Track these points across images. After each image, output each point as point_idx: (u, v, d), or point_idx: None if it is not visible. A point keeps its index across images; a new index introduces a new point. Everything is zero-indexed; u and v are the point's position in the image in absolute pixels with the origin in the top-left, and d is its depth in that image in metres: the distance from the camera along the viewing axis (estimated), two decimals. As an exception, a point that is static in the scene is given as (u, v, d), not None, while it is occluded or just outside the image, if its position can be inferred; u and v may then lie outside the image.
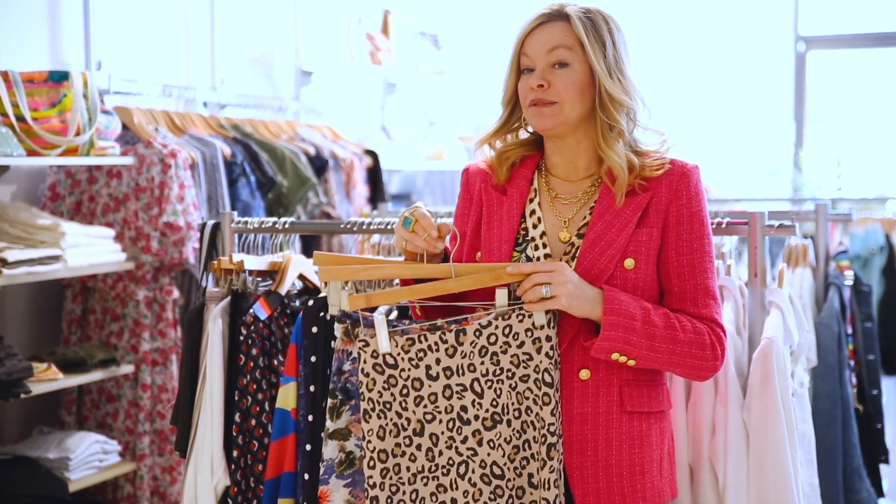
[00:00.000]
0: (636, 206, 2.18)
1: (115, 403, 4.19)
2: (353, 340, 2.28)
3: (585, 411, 2.15)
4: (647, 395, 2.19)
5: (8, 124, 3.63)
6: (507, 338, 2.13)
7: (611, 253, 2.15)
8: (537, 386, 2.11)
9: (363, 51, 6.22)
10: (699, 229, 2.19)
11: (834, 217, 4.01)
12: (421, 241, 2.18)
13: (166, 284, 4.20)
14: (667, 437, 2.25)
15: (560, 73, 2.17)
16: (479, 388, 2.14)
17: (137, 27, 4.70)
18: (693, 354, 2.14)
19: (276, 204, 4.74)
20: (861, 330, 3.91)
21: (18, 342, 4.00)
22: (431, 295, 2.17)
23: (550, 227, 2.24)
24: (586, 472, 2.15)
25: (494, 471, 2.14)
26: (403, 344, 2.16)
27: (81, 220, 4.12)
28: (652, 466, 2.19)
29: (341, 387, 2.38)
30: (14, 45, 4.00)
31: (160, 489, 4.21)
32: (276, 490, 2.66)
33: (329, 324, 2.60)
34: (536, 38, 2.20)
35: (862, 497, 3.47)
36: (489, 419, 2.14)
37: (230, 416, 2.78)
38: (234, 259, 2.85)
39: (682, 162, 2.22)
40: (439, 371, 2.16)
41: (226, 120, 4.89)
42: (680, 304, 2.18)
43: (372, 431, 2.17)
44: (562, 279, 2.08)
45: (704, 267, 2.19)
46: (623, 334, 2.08)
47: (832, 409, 3.38)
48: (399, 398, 2.17)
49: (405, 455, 2.17)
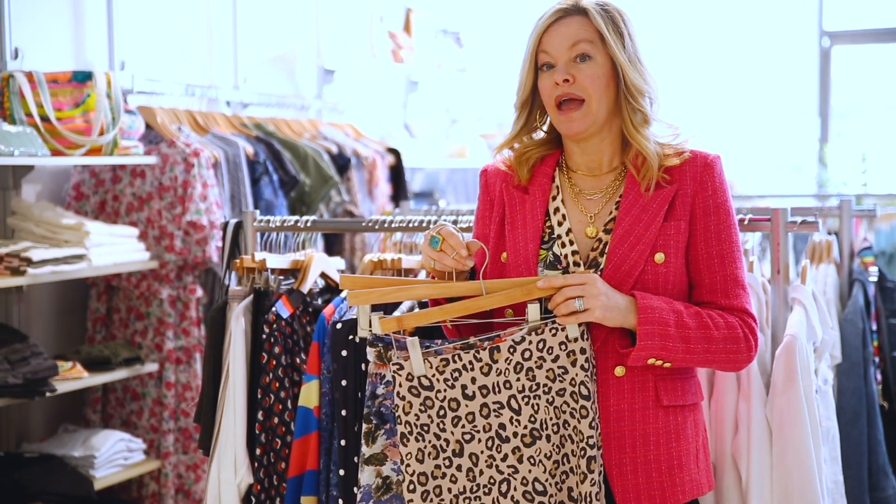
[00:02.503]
0: (663, 198, 2.17)
1: (140, 402, 4.22)
2: (386, 364, 2.23)
3: (622, 408, 2.14)
4: (682, 389, 2.19)
5: (32, 124, 3.65)
6: (541, 352, 2.11)
7: (640, 248, 2.14)
8: (574, 399, 2.10)
9: (385, 49, 6.23)
10: (726, 219, 2.18)
11: (858, 213, 3.98)
12: (449, 260, 2.15)
13: (190, 283, 4.22)
14: (701, 429, 2.25)
15: (584, 67, 2.16)
16: (517, 405, 2.12)
17: (160, 27, 4.72)
18: (728, 349, 2.14)
19: (298, 202, 4.75)
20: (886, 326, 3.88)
21: (44, 341, 4.02)
22: (463, 314, 2.15)
23: (576, 223, 2.22)
24: (625, 468, 2.14)
25: (536, 487, 2.12)
26: (438, 365, 2.14)
27: (105, 219, 4.14)
28: (689, 459, 2.19)
29: (376, 411, 2.33)
30: (38, 46, 4.02)
31: (185, 487, 4.23)
32: (299, 488, 2.66)
33: (358, 346, 2.58)
34: (555, 33, 2.18)
35: (888, 494, 3.45)
36: (528, 435, 2.12)
37: (253, 414, 2.79)
38: (256, 257, 2.86)
39: (703, 152, 2.21)
40: (475, 390, 2.14)
41: (248, 119, 4.91)
42: (710, 296, 2.17)
43: (410, 455, 2.15)
44: (594, 291, 2.06)
45: (733, 257, 2.18)
46: (659, 342, 2.08)
47: (857, 405, 3.36)
48: (436, 420, 2.15)
49: (445, 477, 2.15)
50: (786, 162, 8.29)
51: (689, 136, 2.23)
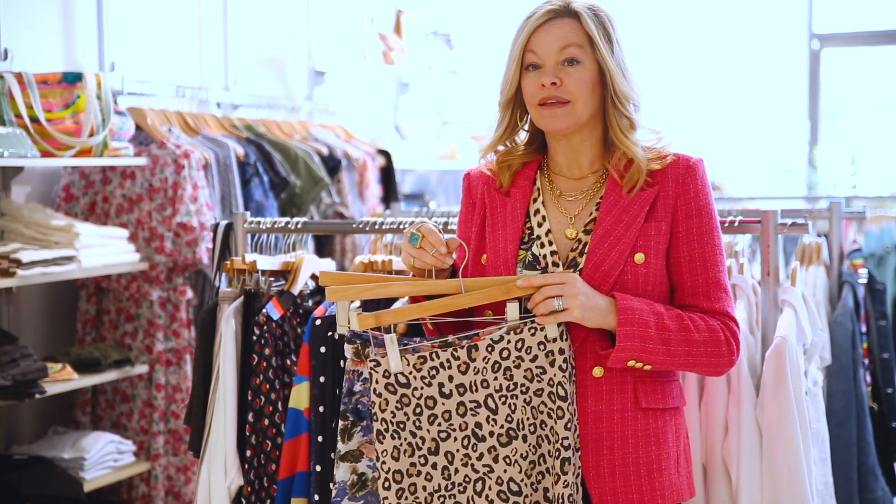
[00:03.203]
0: (644, 200, 2.16)
1: (130, 403, 4.21)
2: (363, 361, 2.24)
3: (600, 409, 2.13)
4: (662, 392, 2.17)
5: (22, 125, 3.64)
6: (519, 352, 2.10)
7: (620, 248, 2.13)
8: (551, 399, 2.09)
9: (376, 50, 6.23)
10: (708, 223, 2.17)
11: (848, 215, 4.00)
12: (429, 258, 2.14)
13: (180, 285, 4.21)
14: (682, 435, 2.23)
15: (572, 71, 2.15)
16: (494, 404, 2.12)
17: (151, 28, 4.71)
18: (709, 353, 2.12)
19: (289, 204, 4.75)
20: (875, 328, 3.89)
21: (33, 342, 4.01)
22: (442, 311, 2.15)
23: (556, 224, 2.21)
24: (602, 470, 2.13)
25: (511, 487, 2.11)
26: (415, 362, 2.14)
27: (95, 220, 4.14)
28: (669, 464, 2.17)
29: (352, 408, 2.34)
30: (28, 47, 4.01)
31: (175, 489, 4.23)
32: (290, 489, 2.66)
33: (337, 343, 2.58)
34: (545, 34, 2.16)
35: (877, 496, 3.46)
36: (504, 435, 2.12)
37: (243, 415, 2.78)
38: (246, 259, 2.86)
39: (686, 155, 2.20)
40: (452, 388, 2.13)
41: (239, 120, 4.90)
42: (692, 299, 2.16)
43: (386, 452, 2.15)
44: (573, 291, 2.06)
45: (715, 260, 2.17)
46: (639, 343, 2.06)
47: (846, 407, 3.37)
48: (413, 417, 2.14)
49: (421, 475, 2.15)
50: (776, 164, 8.31)
51: (672, 140, 2.22)
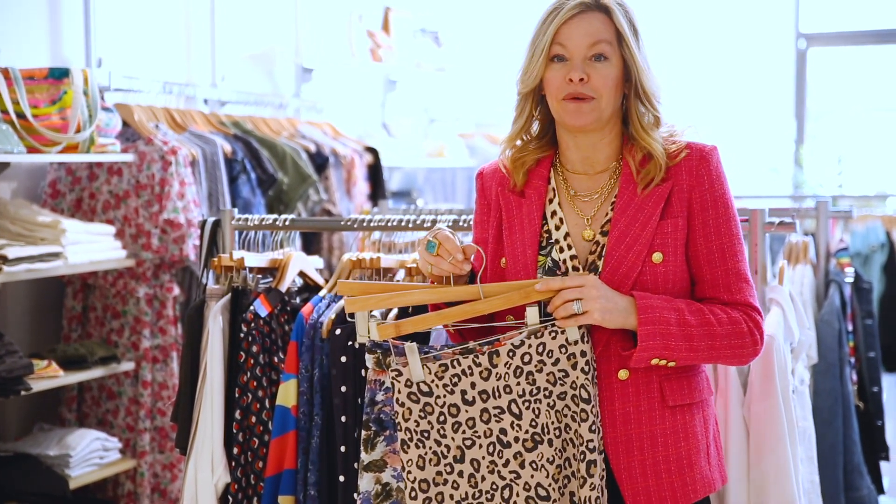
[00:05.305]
0: (658, 197, 2.13)
1: (116, 400, 4.19)
2: (385, 370, 2.21)
3: (627, 410, 2.11)
4: (688, 387, 2.15)
5: (8, 121, 3.63)
6: (541, 356, 2.09)
7: (637, 249, 2.11)
8: (574, 402, 2.08)
9: (364, 48, 6.22)
10: (725, 213, 2.14)
11: (835, 214, 4.01)
12: (446, 265, 2.13)
13: (167, 281, 4.20)
14: (711, 424, 2.21)
15: (599, 67, 2.12)
16: (517, 410, 2.11)
17: (138, 24, 4.69)
18: (732, 345, 2.10)
19: (276, 201, 4.74)
20: (862, 327, 3.91)
21: (19, 339, 4.00)
22: (462, 318, 2.14)
23: (573, 226, 2.19)
24: (634, 471, 2.11)
25: (539, 492, 2.10)
26: (437, 370, 2.13)
27: (82, 217, 4.12)
28: (699, 457, 2.15)
29: (375, 418, 2.31)
30: (14, 42, 3.99)
31: (161, 486, 4.21)
32: (277, 487, 2.66)
33: (358, 352, 2.57)
34: (576, 28, 2.12)
35: (862, 494, 3.47)
36: (530, 440, 2.11)
37: (230, 413, 2.78)
38: (234, 256, 2.85)
39: (699, 144, 2.17)
40: (475, 395, 2.12)
41: (226, 117, 4.89)
42: (713, 291, 2.14)
43: (411, 461, 2.14)
44: (593, 293, 2.04)
45: (735, 251, 2.14)
46: (661, 341, 2.05)
47: (833, 406, 3.38)
48: (437, 426, 2.13)
49: (447, 483, 2.14)
50: (763, 163, 8.33)
51: (685, 128, 2.19)
